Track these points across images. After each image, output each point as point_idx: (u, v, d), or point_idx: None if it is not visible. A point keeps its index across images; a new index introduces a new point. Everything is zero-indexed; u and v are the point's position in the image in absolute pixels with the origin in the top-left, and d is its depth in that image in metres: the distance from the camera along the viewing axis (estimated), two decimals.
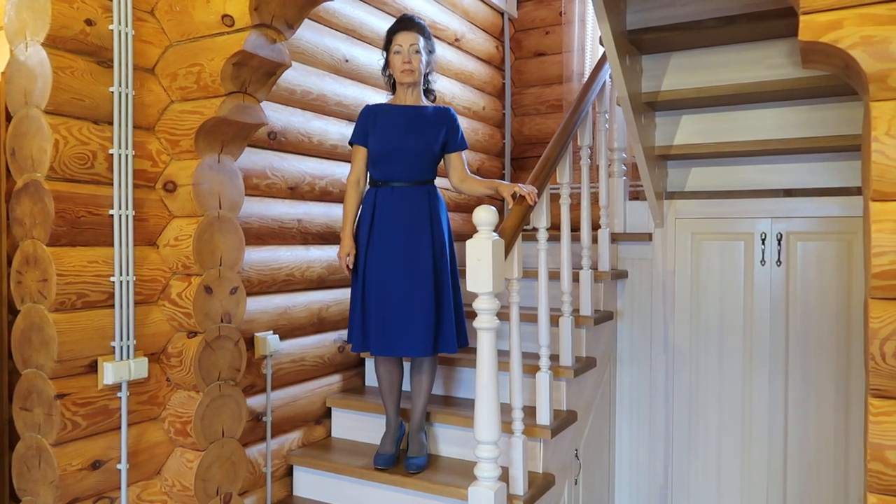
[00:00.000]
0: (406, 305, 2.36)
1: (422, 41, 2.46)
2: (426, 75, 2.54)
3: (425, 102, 2.56)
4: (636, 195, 3.46)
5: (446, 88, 3.70)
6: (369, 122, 2.49)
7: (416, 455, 2.48)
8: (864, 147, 1.31)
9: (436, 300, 2.39)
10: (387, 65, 2.53)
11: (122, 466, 1.99)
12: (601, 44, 2.64)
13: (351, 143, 2.54)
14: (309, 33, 2.76)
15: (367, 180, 2.54)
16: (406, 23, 2.48)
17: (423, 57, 2.47)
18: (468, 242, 2.01)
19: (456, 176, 2.54)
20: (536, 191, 2.39)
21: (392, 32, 2.49)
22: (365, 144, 2.49)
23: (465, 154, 2.57)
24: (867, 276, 1.28)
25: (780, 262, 2.88)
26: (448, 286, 2.44)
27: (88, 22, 1.89)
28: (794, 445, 2.88)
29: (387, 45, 2.50)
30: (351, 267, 2.49)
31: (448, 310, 2.42)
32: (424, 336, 2.36)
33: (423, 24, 2.52)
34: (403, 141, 2.44)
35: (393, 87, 2.57)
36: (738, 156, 2.93)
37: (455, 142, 2.53)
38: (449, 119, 2.53)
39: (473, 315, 2.08)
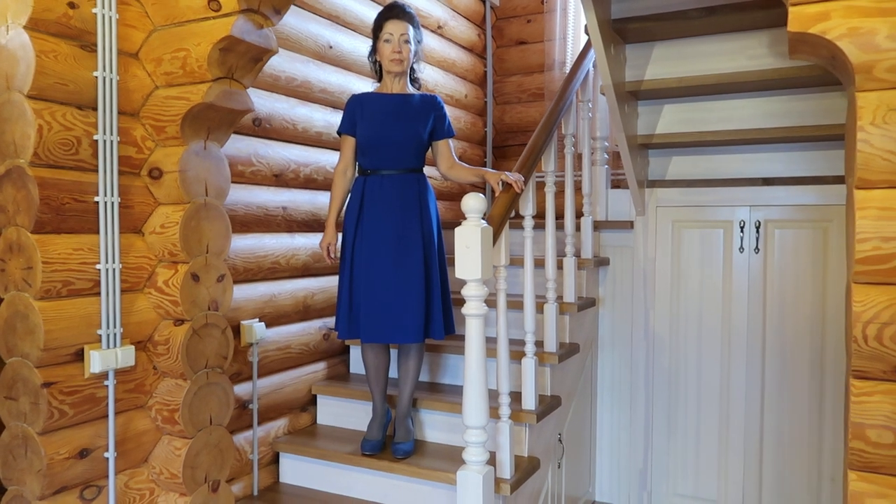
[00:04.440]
0: (396, 292, 2.38)
1: (411, 31, 2.46)
2: (413, 64, 2.54)
3: (411, 90, 2.56)
4: (618, 183, 3.50)
5: (429, 76, 3.69)
6: (356, 111, 2.48)
7: (403, 440, 2.50)
8: (849, 136, 1.34)
9: (425, 287, 2.40)
10: (374, 51, 2.52)
11: (110, 454, 1.98)
12: (586, 33, 2.66)
13: (339, 133, 2.53)
14: (293, 19, 2.74)
15: (356, 169, 2.54)
16: (397, 11, 2.46)
17: (412, 47, 2.47)
18: (457, 230, 2.03)
19: (444, 163, 2.56)
20: (523, 178, 2.41)
21: (382, 19, 2.46)
22: (353, 134, 2.49)
23: (452, 141, 2.58)
24: (850, 261, 1.32)
25: (759, 250, 2.95)
26: (436, 273, 2.46)
27: (71, 5, 1.86)
28: (770, 428, 2.95)
29: (375, 32, 2.48)
30: (333, 256, 2.51)
31: (436, 296, 2.44)
32: (414, 322, 2.37)
33: (413, 12, 2.50)
34: (391, 129, 2.44)
35: (379, 73, 2.56)
36: (719, 145, 2.98)
37: (442, 129, 2.54)
38: (436, 106, 2.53)
39: (461, 302, 2.10)
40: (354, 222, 2.45)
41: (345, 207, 2.54)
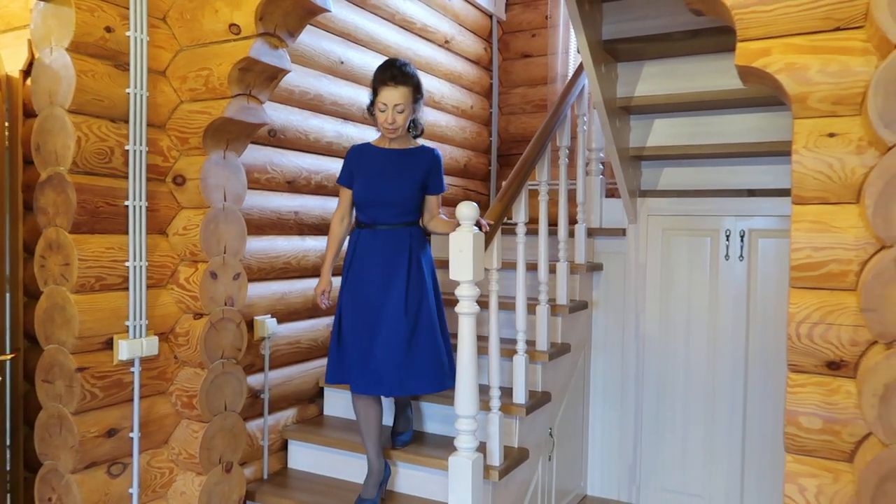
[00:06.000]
0: (378, 344, 2.40)
1: (408, 95, 2.41)
2: (413, 118, 2.51)
3: (411, 144, 2.57)
4: (612, 192, 3.66)
5: (436, 88, 3.89)
6: (354, 165, 2.53)
7: (403, 431, 2.70)
8: (791, 157, 1.51)
9: (410, 340, 2.40)
10: (372, 104, 2.49)
11: (135, 435, 2.18)
12: (579, 52, 2.84)
13: (338, 183, 2.59)
14: (307, 37, 2.94)
15: (353, 218, 2.60)
16: (394, 74, 2.40)
17: (409, 113, 2.44)
18: (451, 235, 2.21)
19: (427, 216, 2.58)
20: (492, 223, 2.44)
21: (379, 83, 2.42)
22: (350, 187, 2.54)
23: (439, 197, 2.60)
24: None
25: (743, 258, 3.11)
26: (423, 326, 2.44)
27: (108, 29, 2.07)
28: (753, 426, 3.11)
29: (373, 92, 2.46)
30: (326, 304, 2.59)
31: (422, 349, 2.42)
32: (391, 374, 2.37)
33: (411, 72, 2.44)
34: (386, 188, 2.46)
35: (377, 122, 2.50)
36: (707, 157, 3.15)
37: (435, 185, 2.55)
38: (433, 162, 2.53)
39: (456, 302, 2.29)
40: (346, 272, 2.52)
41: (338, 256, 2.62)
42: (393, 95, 2.39)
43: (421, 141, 2.67)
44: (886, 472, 1.27)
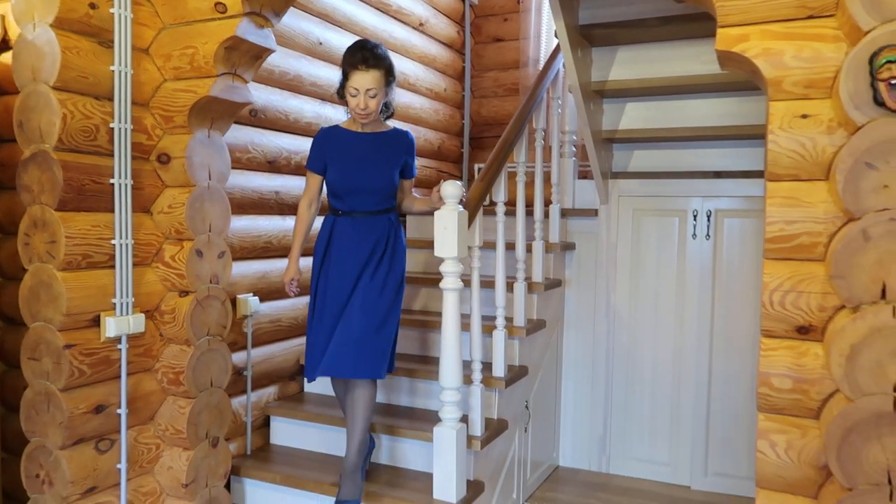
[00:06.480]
0: (351, 327, 2.34)
1: (380, 79, 2.32)
2: (385, 101, 2.44)
3: (383, 127, 2.51)
4: (585, 174, 3.76)
5: (411, 71, 3.92)
6: (325, 151, 2.44)
7: (351, 498, 2.35)
8: (767, 137, 1.61)
9: (366, 324, 2.34)
10: (342, 87, 2.39)
11: (122, 411, 2.20)
12: (556, 36, 2.91)
13: (307, 167, 2.50)
14: (286, 17, 2.94)
15: (321, 204, 2.56)
16: (366, 57, 2.31)
17: (381, 97, 2.36)
18: (436, 213, 2.27)
19: (401, 196, 2.57)
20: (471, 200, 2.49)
21: (349, 67, 2.32)
22: (322, 173, 2.47)
23: (413, 180, 2.60)
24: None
25: (709, 237, 3.24)
26: (383, 311, 2.39)
27: (92, 5, 2.06)
28: (717, 398, 3.26)
29: (343, 76, 2.36)
30: (295, 292, 2.55)
31: (373, 335, 2.35)
32: (345, 355, 2.30)
33: (383, 54, 2.35)
34: (363, 176, 2.41)
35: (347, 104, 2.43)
36: (676, 140, 3.27)
37: (409, 169, 2.53)
38: (408, 146, 2.50)
39: (439, 281, 2.35)
40: (320, 263, 2.47)
41: (309, 238, 2.58)
42: (365, 79, 2.30)
43: (391, 122, 2.63)
44: (851, 425, 1.38)
